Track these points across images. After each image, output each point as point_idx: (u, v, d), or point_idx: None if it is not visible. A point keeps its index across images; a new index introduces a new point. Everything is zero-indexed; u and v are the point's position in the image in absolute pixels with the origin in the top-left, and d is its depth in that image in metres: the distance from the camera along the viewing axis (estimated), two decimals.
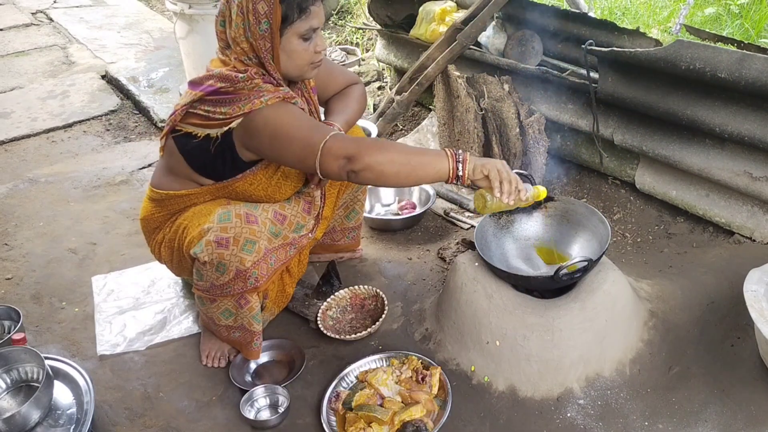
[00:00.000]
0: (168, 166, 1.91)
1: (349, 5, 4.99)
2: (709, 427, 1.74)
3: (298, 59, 1.77)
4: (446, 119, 3.12)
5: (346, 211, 2.34)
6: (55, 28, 5.42)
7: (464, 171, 1.71)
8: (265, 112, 1.70)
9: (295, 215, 1.98)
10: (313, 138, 1.68)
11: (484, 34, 3.06)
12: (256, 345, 2.00)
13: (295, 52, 1.76)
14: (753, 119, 2.20)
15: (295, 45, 1.74)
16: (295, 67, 1.79)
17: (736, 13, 3.98)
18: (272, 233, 1.87)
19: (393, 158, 1.67)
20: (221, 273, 1.79)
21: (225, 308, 1.91)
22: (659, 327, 2.02)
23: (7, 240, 2.78)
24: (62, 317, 2.33)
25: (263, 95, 1.71)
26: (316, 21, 1.74)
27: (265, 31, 1.69)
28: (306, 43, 1.76)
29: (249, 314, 1.91)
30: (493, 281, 2.00)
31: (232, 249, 1.76)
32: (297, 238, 1.98)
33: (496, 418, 1.86)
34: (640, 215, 2.68)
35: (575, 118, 2.79)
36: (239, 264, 1.77)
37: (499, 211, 1.90)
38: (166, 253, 1.99)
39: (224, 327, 1.97)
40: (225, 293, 1.84)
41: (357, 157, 1.64)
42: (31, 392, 1.80)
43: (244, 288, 1.82)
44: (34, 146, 3.65)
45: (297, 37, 1.73)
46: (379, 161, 1.65)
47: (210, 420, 1.93)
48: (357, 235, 2.45)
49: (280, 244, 1.92)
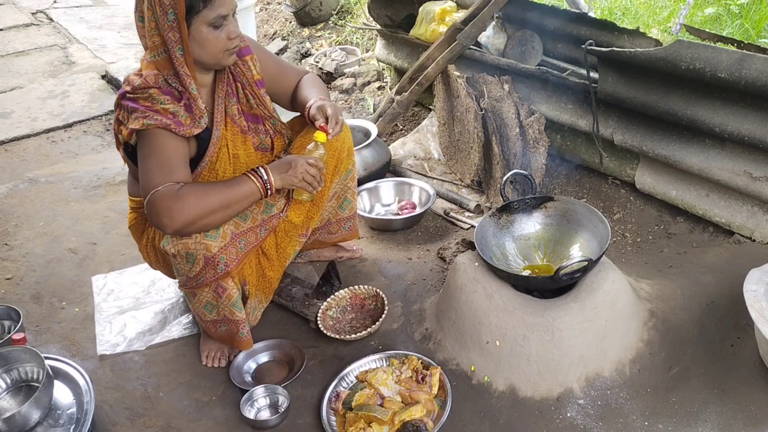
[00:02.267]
0: (132, 172, 1.96)
1: (349, 5, 4.99)
2: (709, 427, 1.74)
3: (211, 47, 1.77)
4: (446, 119, 3.12)
5: (339, 201, 2.34)
6: (55, 28, 5.42)
7: (272, 189, 1.85)
8: (143, 135, 1.73)
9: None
10: (153, 180, 1.71)
11: (484, 34, 3.06)
12: (243, 334, 2.00)
13: (206, 40, 1.75)
14: (753, 119, 2.20)
15: (205, 33, 1.74)
16: (209, 55, 1.79)
17: (736, 13, 3.97)
18: (239, 217, 1.88)
19: (210, 205, 1.73)
20: (191, 263, 1.81)
21: (206, 301, 1.93)
22: (659, 327, 2.02)
23: (7, 240, 2.78)
24: (62, 317, 2.33)
25: (147, 115, 1.72)
26: (223, 9, 1.74)
27: (172, 21, 1.70)
28: (217, 31, 1.76)
29: (228, 303, 1.92)
30: (493, 281, 2.00)
31: (195, 237, 1.77)
32: (267, 218, 1.99)
33: (496, 418, 1.86)
34: (640, 215, 2.68)
35: (575, 118, 2.79)
36: (205, 251, 1.78)
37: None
38: (153, 254, 2.03)
39: (211, 323, 1.99)
40: (200, 283, 1.86)
41: (176, 218, 1.68)
42: (31, 392, 1.80)
43: (216, 275, 1.84)
44: (34, 146, 3.65)
45: (206, 25, 1.74)
46: (199, 215, 1.71)
47: (210, 420, 1.93)
48: (353, 225, 2.44)
49: (249, 227, 1.92)
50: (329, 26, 4.97)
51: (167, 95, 1.76)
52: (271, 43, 5.00)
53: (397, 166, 3.16)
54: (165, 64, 1.76)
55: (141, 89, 1.74)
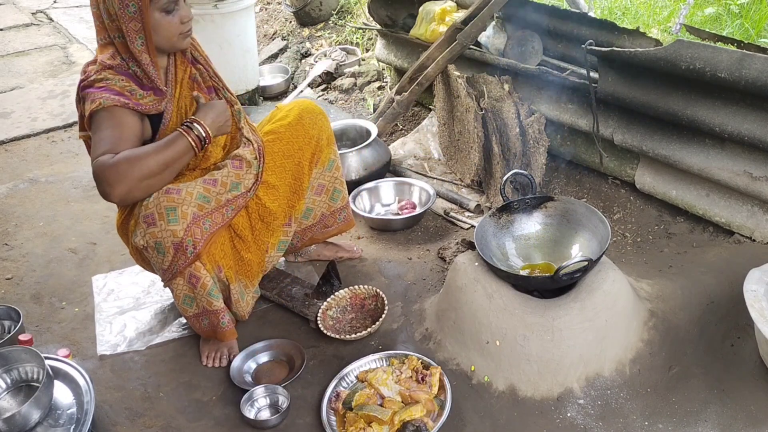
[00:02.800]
0: None
1: (349, 5, 4.99)
2: (709, 427, 1.74)
3: (165, 32, 1.81)
4: (446, 119, 3.12)
5: (329, 194, 2.34)
6: (55, 28, 5.42)
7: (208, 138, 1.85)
8: (97, 113, 1.75)
9: (227, 176, 1.97)
10: (96, 151, 1.72)
11: (484, 34, 3.06)
12: (224, 324, 2.01)
13: (161, 26, 1.79)
14: (753, 119, 2.20)
15: (159, 19, 1.78)
16: (165, 39, 1.83)
17: (736, 13, 3.97)
18: (202, 199, 1.87)
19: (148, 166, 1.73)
20: (162, 253, 1.82)
21: (184, 295, 1.95)
22: (659, 327, 2.02)
23: (7, 240, 2.78)
24: (62, 317, 2.33)
25: (103, 96, 1.75)
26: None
27: (134, 13, 1.73)
28: (170, 16, 1.80)
29: (204, 292, 1.93)
30: (493, 281, 2.00)
31: (160, 224, 1.78)
32: (232, 198, 1.98)
33: (496, 417, 1.86)
34: (640, 215, 2.68)
35: (575, 118, 2.79)
36: (172, 237, 1.79)
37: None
38: (137, 256, 2.02)
39: (193, 318, 2.01)
40: (174, 273, 1.88)
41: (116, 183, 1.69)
42: (31, 392, 1.80)
43: (187, 259, 1.85)
44: (34, 146, 3.65)
45: (159, 11, 1.78)
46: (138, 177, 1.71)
47: (210, 420, 1.93)
48: (348, 215, 2.44)
49: (214, 207, 1.92)
50: (329, 26, 4.97)
51: (123, 75, 1.80)
52: (271, 43, 5.00)
53: (397, 166, 3.16)
54: (123, 48, 1.80)
55: (96, 73, 1.78)
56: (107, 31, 1.81)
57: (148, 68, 1.81)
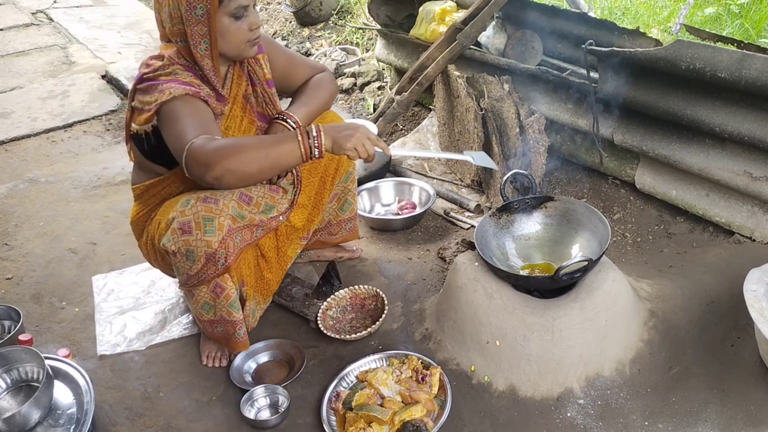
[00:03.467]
0: (137, 163, 1.96)
1: (349, 5, 4.99)
2: (709, 427, 1.74)
3: (233, 38, 1.77)
4: (446, 119, 3.12)
5: (339, 203, 2.34)
6: (55, 28, 5.42)
7: (320, 151, 1.73)
8: (170, 104, 1.70)
9: (262, 196, 1.95)
10: (186, 136, 1.66)
11: (484, 34, 3.06)
12: (240, 335, 2.00)
13: (228, 31, 1.75)
14: (753, 119, 2.20)
15: (228, 25, 1.74)
16: (231, 46, 1.79)
17: (736, 13, 3.98)
18: (236, 214, 1.85)
19: (252, 156, 1.66)
20: (192, 261, 1.79)
21: (203, 301, 1.92)
22: (659, 327, 2.02)
23: (7, 240, 2.78)
24: (62, 317, 2.34)
25: (173, 86, 1.71)
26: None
27: (201, 16, 1.70)
28: (238, 22, 1.76)
29: (226, 303, 1.91)
30: (493, 281, 2.00)
31: (196, 234, 1.76)
32: (266, 219, 1.95)
33: (496, 417, 1.86)
34: (640, 215, 2.68)
35: (575, 118, 2.79)
36: (206, 248, 1.77)
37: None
38: (152, 252, 2.01)
39: (207, 323, 1.98)
40: (201, 281, 1.85)
41: (215, 163, 1.63)
42: (31, 392, 1.80)
43: (216, 271, 1.83)
44: (34, 146, 3.65)
45: (227, 16, 1.74)
46: (239, 162, 1.64)
47: (210, 420, 1.93)
48: (354, 226, 2.44)
49: (246, 224, 1.89)
50: (329, 26, 4.97)
51: (189, 72, 1.76)
52: None
53: (397, 166, 3.16)
54: (187, 52, 1.77)
55: (162, 67, 1.74)
56: (169, 35, 1.77)
57: (210, 73, 1.78)
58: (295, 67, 2.11)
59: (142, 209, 1.98)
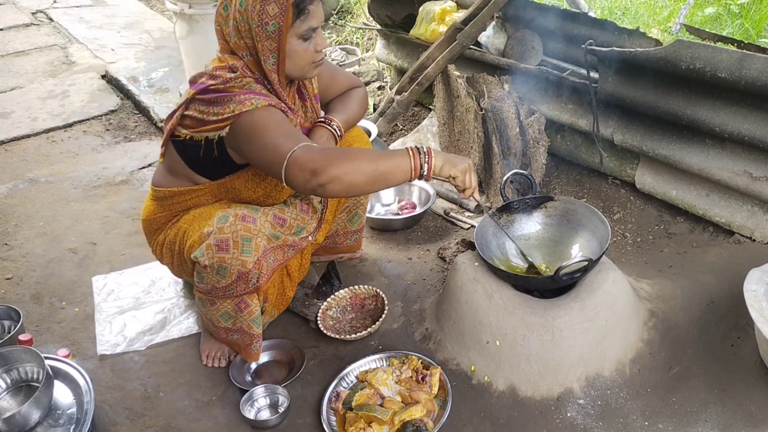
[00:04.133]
0: (168, 167, 1.92)
1: (349, 5, 4.99)
2: (709, 427, 1.74)
3: (299, 59, 1.78)
4: (446, 119, 3.12)
5: (349, 215, 2.35)
6: (55, 28, 5.42)
7: (429, 170, 1.71)
8: (253, 114, 1.69)
9: (294, 218, 1.98)
10: (285, 146, 1.64)
11: (484, 34, 3.06)
12: (255, 348, 2.00)
13: (295, 52, 1.76)
14: (753, 119, 2.20)
15: (295, 45, 1.75)
16: (297, 67, 1.79)
17: (736, 13, 3.98)
18: (271, 235, 1.86)
19: (360, 167, 1.63)
20: (222, 276, 1.78)
21: (224, 311, 1.90)
22: (659, 327, 2.02)
23: (7, 240, 2.78)
24: (62, 317, 2.33)
25: (254, 97, 1.70)
26: (314, 21, 1.74)
27: (272, 33, 1.69)
28: (306, 43, 1.76)
29: (249, 318, 1.91)
30: (493, 281, 2.00)
31: (233, 252, 1.75)
32: (297, 240, 1.98)
33: (496, 417, 1.86)
34: (640, 215, 2.68)
35: (575, 118, 2.79)
36: (241, 267, 1.76)
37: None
38: (167, 255, 1.99)
39: (223, 329, 1.97)
40: (227, 295, 1.84)
41: (323, 170, 1.60)
42: (31, 392, 1.80)
43: (246, 289, 1.82)
44: (34, 146, 3.65)
45: (296, 37, 1.74)
46: (347, 171, 1.62)
47: (210, 420, 1.93)
48: (359, 237, 2.46)
49: (279, 245, 1.91)
50: (329, 26, 4.97)
51: (260, 85, 1.76)
52: None
53: None
54: (254, 66, 1.77)
55: (234, 79, 1.72)
56: (234, 48, 1.76)
57: (278, 87, 1.78)
58: (336, 81, 2.12)
59: (161, 212, 1.96)
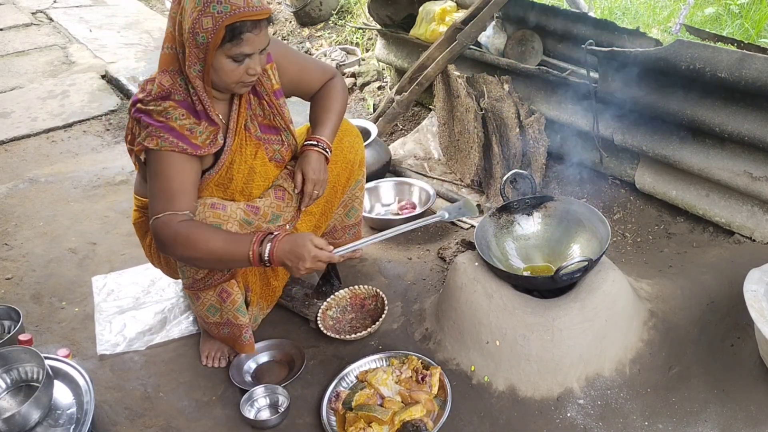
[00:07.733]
0: (142, 174, 1.93)
1: (349, 5, 4.99)
2: (709, 427, 1.74)
3: (225, 77, 1.73)
4: (446, 119, 3.12)
5: (346, 210, 2.35)
6: (55, 28, 5.42)
7: (271, 258, 1.72)
8: (155, 154, 1.73)
9: (269, 206, 1.93)
10: (156, 207, 1.72)
11: (484, 34, 3.06)
12: (246, 338, 2.01)
13: (222, 70, 1.71)
14: (753, 119, 2.20)
15: (223, 63, 1.70)
16: (223, 82, 1.75)
17: (736, 13, 3.98)
18: (243, 221, 1.85)
19: (200, 253, 1.71)
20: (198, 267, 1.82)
21: (209, 304, 1.94)
22: (659, 327, 2.02)
23: (7, 240, 2.78)
24: (62, 317, 2.33)
25: (163, 136, 1.70)
26: (248, 48, 1.69)
27: (201, 44, 1.66)
28: (235, 64, 1.71)
29: (232, 307, 1.93)
30: (493, 281, 2.00)
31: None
32: (273, 228, 1.94)
33: (496, 417, 1.86)
34: (640, 215, 2.68)
35: (575, 118, 2.79)
36: None
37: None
38: (156, 256, 2.03)
39: (213, 324, 2.00)
40: (207, 285, 1.88)
41: (168, 247, 1.73)
42: (31, 392, 1.80)
43: (222, 276, 1.86)
44: (34, 146, 3.65)
45: (225, 57, 1.70)
46: (188, 257, 1.74)
47: (210, 420, 1.93)
48: (358, 231, 2.45)
49: (253, 231, 1.87)
50: (329, 26, 4.97)
51: (183, 108, 1.74)
52: None
53: (397, 166, 3.16)
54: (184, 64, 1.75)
55: (155, 101, 1.72)
56: (169, 40, 1.75)
57: (202, 94, 1.76)
58: (307, 75, 2.08)
59: (145, 215, 1.97)
